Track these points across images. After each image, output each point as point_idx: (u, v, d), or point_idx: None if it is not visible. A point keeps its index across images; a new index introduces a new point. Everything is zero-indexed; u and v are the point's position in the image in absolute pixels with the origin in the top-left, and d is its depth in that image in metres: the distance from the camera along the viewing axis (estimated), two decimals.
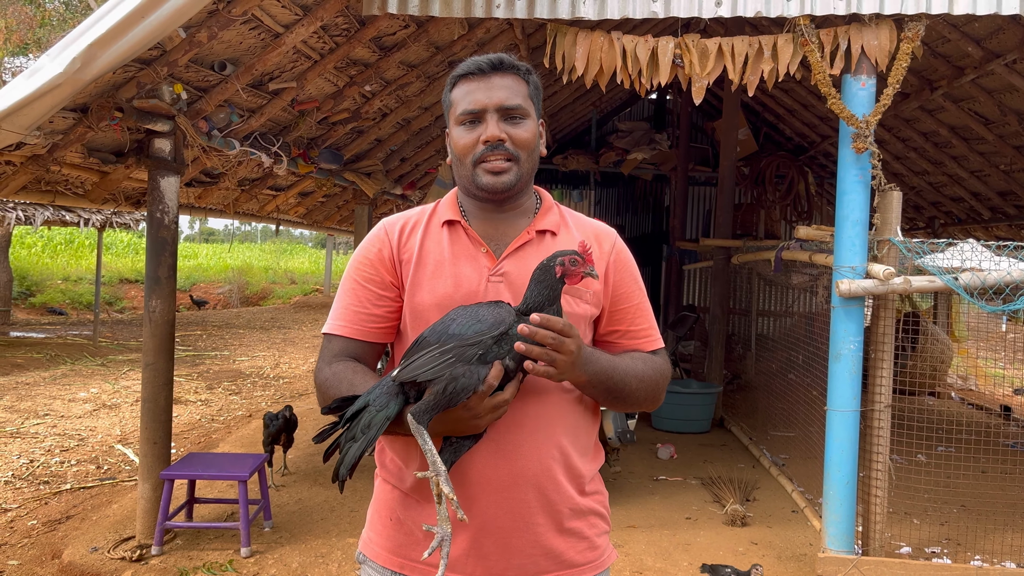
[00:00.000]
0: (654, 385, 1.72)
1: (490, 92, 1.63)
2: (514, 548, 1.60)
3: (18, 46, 13.38)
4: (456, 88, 1.69)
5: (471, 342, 1.44)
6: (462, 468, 1.58)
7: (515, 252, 1.67)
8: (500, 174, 1.63)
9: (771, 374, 7.53)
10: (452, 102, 1.69)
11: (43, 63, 3.37)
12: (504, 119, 1.64)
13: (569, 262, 1.50)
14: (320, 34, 4.89)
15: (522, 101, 1.65)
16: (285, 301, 24.71)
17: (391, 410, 1.46)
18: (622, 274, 1.74)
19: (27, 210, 11.26)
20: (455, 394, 1.42)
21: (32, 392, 8.82)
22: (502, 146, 1.63)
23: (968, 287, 3.93)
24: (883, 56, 4.10)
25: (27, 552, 4.56)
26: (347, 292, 1.72)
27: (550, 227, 1.71)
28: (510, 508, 1.59)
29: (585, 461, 1.69)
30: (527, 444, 1.59)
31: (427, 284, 1.65)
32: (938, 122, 7.53)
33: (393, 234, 1.72)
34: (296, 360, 12.48)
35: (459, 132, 1.67)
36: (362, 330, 1.69)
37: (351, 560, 4.31)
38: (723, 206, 8.38)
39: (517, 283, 1.63)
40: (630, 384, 1.66)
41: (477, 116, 1.64)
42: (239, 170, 6.13)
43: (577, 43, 4.24)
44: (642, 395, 1.70)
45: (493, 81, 1.64)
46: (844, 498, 4.22)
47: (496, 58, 1.66)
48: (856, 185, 4.17)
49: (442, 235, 1.70)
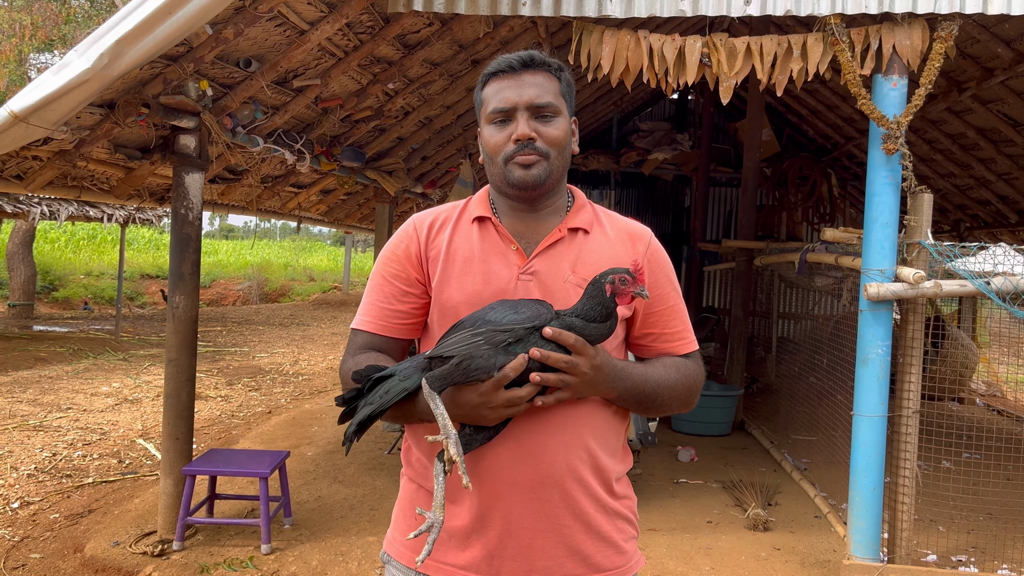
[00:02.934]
0: (687, 392, 1.70)
1: (520, 90, 1.62)
2: (538, 550, 1.58)
3: (43, 42, 13.51)
4: (487, 86, 1.67)
5: (503, 328, 1.44)
6: (487, 468, 1.56)
7: (546, 250, 1.65)
8: (530, 167, 1.61)
9: (793, 377, 7.46)
10: (483, 100, 1.68)
11: (71, 59, 3.38)
12: (535, 117, 1.62)
13: (619, 280, 1.49)
14: (345, 31, 4.89)
15: (552, 98, 1.63)
16: (304, 298, 24.81)
17: (411, 382, 1.46)
18: (657, 275, 1.70)
19: (51, 205, 11.37)
20: (469, 371, 1.42)
21: (55, 386, 8.89)
22: (532, 144, 1.61)
23: (1000, 292, 3.86)
24: (915, 56, 4.04)
25: (49, 545, 4.59)
26: (374, 288, 1.72)
27: (583, 225, 1.69)
28: (536, 509, 1.57)
29: (613, 462, 1.66)
30: (553, 444, 1.56)
31: (456, 281, 1.63)
32: (966, 124, 7.43)
33: (422, 230, 1.70)
34: (315, 357, 12.52)
35: (490, 130, 1.65)
36: (387, 326, 1.69)
37: (371, 559, 4.30)
38: (746, 207, 8.31)
39: (547, 282, 1.61)
40: (662, 395, 1.65)
41: (508, 114, 1.62)
42: (262, 167, 6.15)
43: (603, 41, 4.21)
44: (675, 404, 1.69)
45: (524, 79, 1.63)
46: (870, 504, 4.16)
47: (527, 55, 1.65)
48: (886, 187, 4.11)
49: (472, 232, 1.68)
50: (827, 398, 5.88)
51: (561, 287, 1.61)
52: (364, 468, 6.03)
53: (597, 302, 1.49)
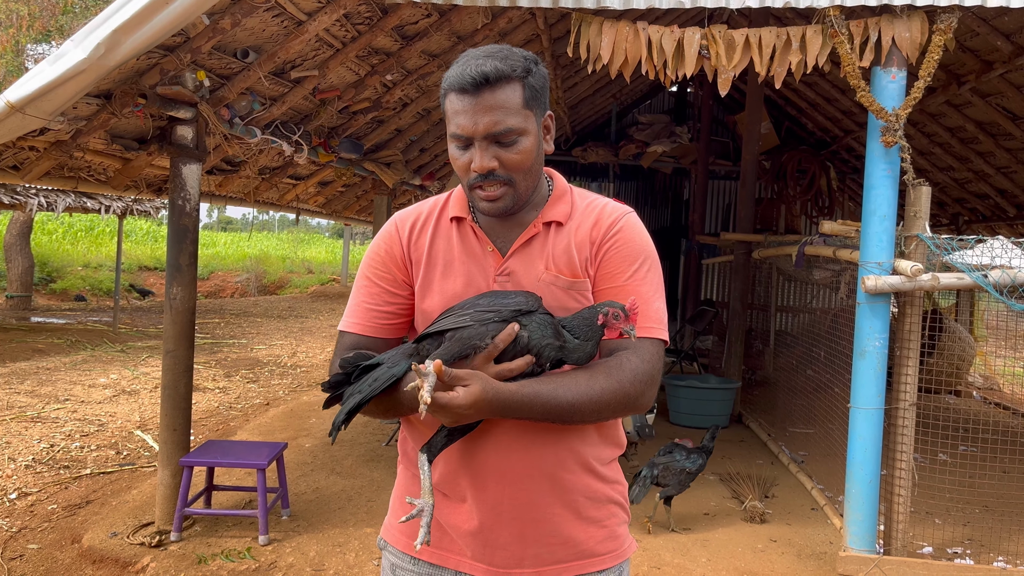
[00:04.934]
0: (623, 397, 1.52)
1: (476, 117, 1.50)
2: (530, 538, 1.59)
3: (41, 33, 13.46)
4: (448, 99, 1.55)
5: (491, 310, 1.46)
6: (477, 459, 1.58)
7: (521, 249, 1.62)
8: (495, 201, 1.56)
9: (790, 370, 7.47)
10: (446, 113, 1.57)
11: (67, 48, 3.37)
12: (494, 143, 1.52)
13: (612, 316, 1.48)
14: (343, 22, 4.87)
15: (514, 120, 1.51)
16: (302, 290, 24.80)
17: (399, 369, 1.47)
18: (611, 254, 1.60)
19: (49, 196, 11.34)
20: (462, 342, 1.43)
21: (53, 377, 8.89)
22: (493, 175, 1.53)
23: (998, 285, 3.86)
24: (914, 48, 4.03)
25: (47, 536, 4.59)
26: (360, 289, 1.71)
27: (558, 217, 1.63)
28: (526, 498, 1.58)
29: (603, 449, 1.66)
30: (542, 434, 1.57)
31: (437, 285, 1.63)
32: (965, 117, 7.42)
33: (404, 231, 1.69)
34: (313, 349, 12.52)
35: (453, 149, 1.58)
36: (375, 327, 1.68)
37: (368, 549, 4.31)
38: (744, 200, 8.30)
39: (523, 282, 1.59)
40: (583, 410, 1.49)
41: (465, 142, 1.55)
42: (260, 158, 6.13)
43: (602, 33, 4.19)
44: (608, 412, 1.53)
45: (481, 101, 1.50)
46: (867, 497, 4.17)
47: (481, 74, 1.48)
48: (884, 180, 4.10)
49: (452, 232, 1.66)
50: (824, 391, 5.89)
51: (534, 286, 1.58)
52: (362, 460, 6.03)
53: (587, 325, 1.49)
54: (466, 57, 1.54)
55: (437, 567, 1.66)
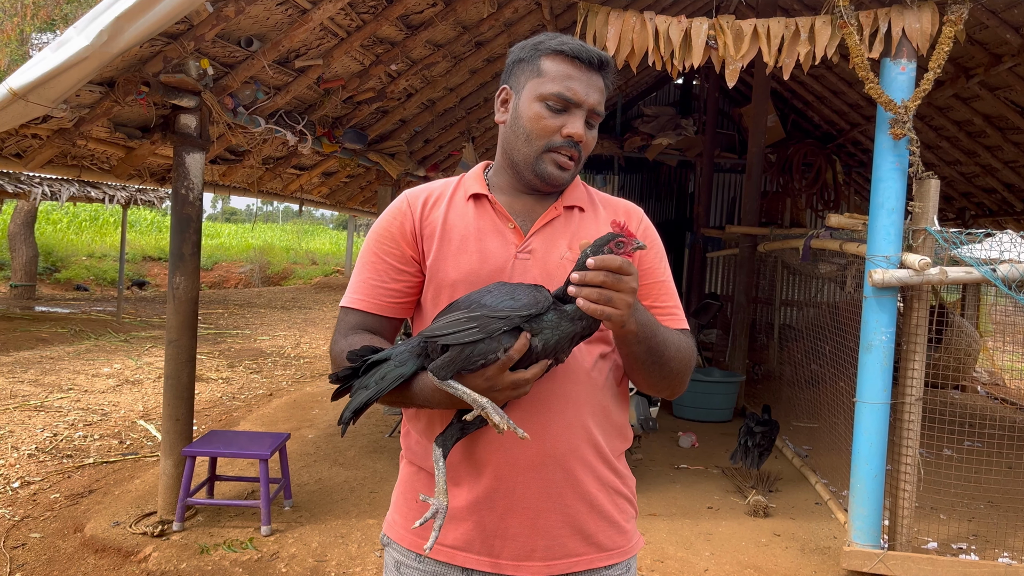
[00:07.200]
0: (686, 360, 1.62)
1: (589, 89, 1.58)
2: (541, 529, 1.56)
3: (45, 22, 13.44)
4: (550, 60, 1.58)
5: (499, 315, 1.39)
6: (489, 449, 1.55)
7: (543, 228, 1.62)
8: (565, 170, 1.61)
9: (795, 364, 7.44)
10: (540, 72, 1.59)
11: (70, 35, 3.35)
12: (585, 120, 1.60)
13: (615, 245, 1.42)
14: (347, 11, 4.84)
15: (602, 109, 1.63)
16: (306, 281, 24.81)
17: (407, 368, 1.44)
18: (648, 249, 1.67)
19: (53, 185, 11.32)
20: (471, 357, 1.38)
21: (56, 366, 8.90)
22: (577, 146, 1.60)
23: (1006, 279, 3.83)
24: (924, 40, 3.99)
25: (50, 525, 4.59)
26: (366, 265, 1.67)
27: (578, 203, 1.67)
28: (539, 488, 1.55)
29: (614, 440, 1.65)
30: (555, 424, 1.55)
31: (452, 259, 1.60)
32: (972, 111, 7.37)
33: (416, 207, 1.66)
34: (317, 340, 12.52)
35: (540, 109, 1.58)
36: (380, 304, 1.65)
37: (371, 541, 4.30)
38: (750, 193, 8.26)
39: (544, 260, 1.59)
40: (669, 350, 1.57)
41: (567, 106, 1.57)
42: (264, 148, 6.11)
43: (609, 23, 4.16)
44: (676, 366, 1.60)
45: (594, 79, 1.60)
46: (872, 491, 4.15)
47: (604, 56, 1.61)
48: (892, 172, 4.07)
49: (468, 209, 1.64)
50: (829, 385, 5.86)
51: (558, 264, 1.59)
52: (365, 451, 6.03)
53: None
54: (560, 37, 1.61)
55: (444, 564, 1.61)
